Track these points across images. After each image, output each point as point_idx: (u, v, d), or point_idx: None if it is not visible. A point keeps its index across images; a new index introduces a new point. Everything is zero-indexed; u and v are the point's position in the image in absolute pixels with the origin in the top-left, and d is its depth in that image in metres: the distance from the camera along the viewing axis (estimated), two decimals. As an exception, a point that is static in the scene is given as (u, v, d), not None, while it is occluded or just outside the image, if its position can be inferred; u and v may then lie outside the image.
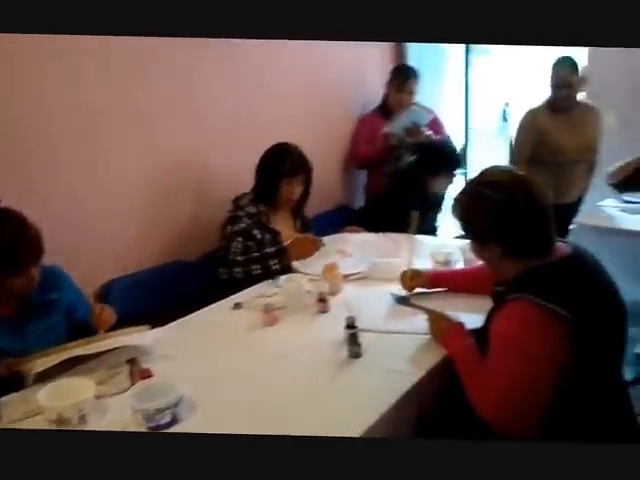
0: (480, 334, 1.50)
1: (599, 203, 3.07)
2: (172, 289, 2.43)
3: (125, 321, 1.82)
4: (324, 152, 3.17)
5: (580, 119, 3.01)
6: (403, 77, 3.37)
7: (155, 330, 1.79)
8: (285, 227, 2.47)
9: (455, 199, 1.49)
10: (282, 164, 2.38)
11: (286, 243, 2.35)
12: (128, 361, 1.61)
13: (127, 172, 2.38)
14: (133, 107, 2.35)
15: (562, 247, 1.43)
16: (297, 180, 2.43)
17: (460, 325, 1.59)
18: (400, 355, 1.60)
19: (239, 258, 2.26)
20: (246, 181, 2.46)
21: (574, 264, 1.40)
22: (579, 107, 3.05)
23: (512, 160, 3.14)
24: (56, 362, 1.54)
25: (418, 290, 1.97)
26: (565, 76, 2.91)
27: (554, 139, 2.96)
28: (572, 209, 3.11)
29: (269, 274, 2.21)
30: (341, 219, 3.10)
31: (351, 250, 2.47)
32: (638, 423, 1.46)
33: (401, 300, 1.94)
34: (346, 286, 2.14)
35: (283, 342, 1.75)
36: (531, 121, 3.06)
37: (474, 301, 1.79)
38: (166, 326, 1.89)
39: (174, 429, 1.31)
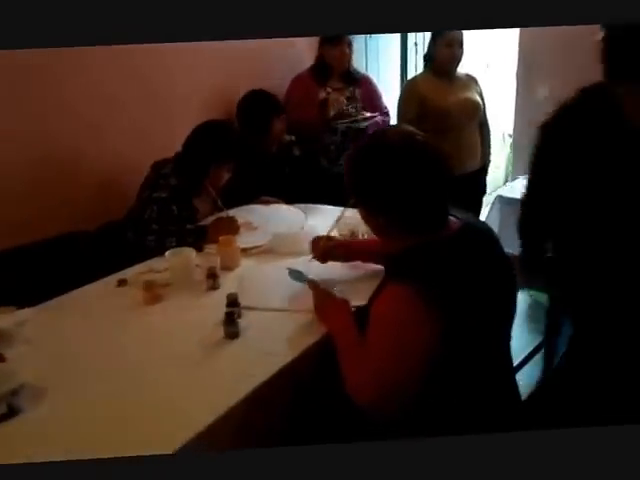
0: (365, 312, 1.40)
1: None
2: (65, 263, 2.26)
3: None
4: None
5: (462, 84, 2.98)
6: None
7: (23, 311, 1.64)
8: (206, 204, 2.33)
9: (345, 158, 1.37)
10: (212, 146, 2.24)
11: (206, 222, 2.23)
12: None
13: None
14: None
15: (453, 222, 1.34)
16: (228, 166, 2.30)
17: (344, 303, 1.50)
18: (279, 335, 1.51)
19: (154, 226, 2.11)
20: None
21: (461, 242, 1.29)
22: (459, 75, 3.02)
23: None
24: None
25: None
26: (459, 35, 2.86)
27: (436, 103, 2.88)
28: (475, 180, 3.08)
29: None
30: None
31: (258, 222, 2.34)
32: (522, 408, 1.42)
33: (296, 276, 1.83)
34: (245, 260, 2.02)
35: (162, 323, 1.63)
36: (411, 89, 2.99)
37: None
38: (39, 306, 1.74)
39: (11, 422, 1.18)
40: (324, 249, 1.80)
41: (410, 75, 4.40)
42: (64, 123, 2.36)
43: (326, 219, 2.12)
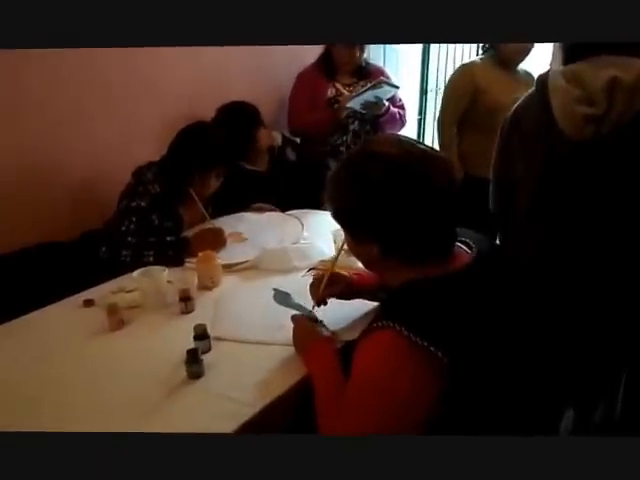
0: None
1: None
2: (38, 275, 2.08)
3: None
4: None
5: (523, 80, 2.63)
6: None
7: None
8: (192, 212, 2.13)
9: (329, 174, 1.13)
10: (196, 153, 2.04)
11: (189, 233, 2.03)
12: None
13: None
14: None
15: (463, 254, 1.11)
16: (215, 173, 2.10)
17: (328, 341, 1.29)
18: (250, 376, 1.29)
19: (130, 239, 1.91)
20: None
21: (470, 280, 1.06)
22: (519, 70, 2.70)
23: (440, 122, 2.82)
24: None
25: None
26: None
27: (495, 97, 2.57)
28: None
29: (163, 262, 1.85)
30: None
31: (248, 233, 2.14)
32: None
33: (282, 299, 1.62)
34: (228, 278, 1.82)
35: (123, 354, 1.44)
36: (465, 76, 2.67)
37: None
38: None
39: None
40: (329, 295, 1.46)
41: (432, 75, 4.17)
42: (37, 123, 2.18)
43: (327, 226, 1.89)
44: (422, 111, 4.24)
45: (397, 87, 2.87)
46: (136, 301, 1.63)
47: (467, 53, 4.21)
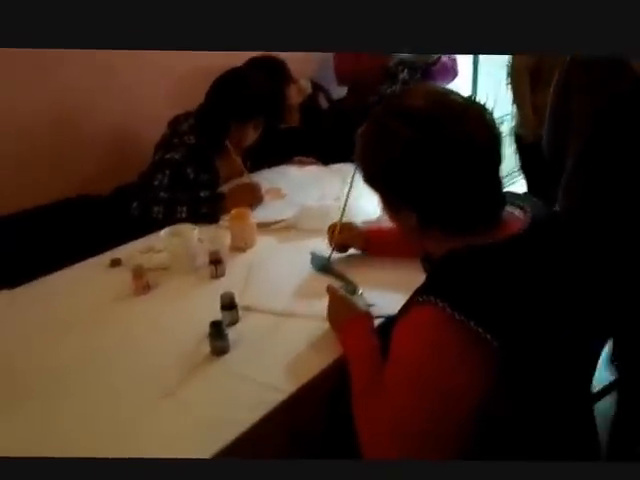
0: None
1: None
2: (72, 230, 2.00)
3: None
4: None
5: None
6: None
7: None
8: (229, 166, 1.98)
9: (358, 132, 0.97)
10: (235, 101, 1.87)
11: (224, 189, 1.89)
12: None
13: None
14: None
15: (515, 218, 0.95)
16: (253, 123, 1.93)
17: (365, 317, 1.15)
18: (279, 354, 1.16)
19: (162, 194, 1.79)
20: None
21: (524, 247, 0.90)
22: None
23: (511, 68, 2.51)
24: None
25: (350, 252, 1.51)
26: None
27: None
28: None
29: (197, 219, 1.74)
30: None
31: (288, 189, 1.98)
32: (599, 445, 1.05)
33: (319, 264, 1.48)
34: (264, 238, 1.68)
35: (146, 322, 1.33)
36: None
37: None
38: (17, 288, 1.49)
39: None
40: (341, 241, 1.44)
41: (481, 87, 3.84)
42: (74, 71, 2.05)
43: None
44: (476, 61, 3.91)
45: None
46: (164, 263, 1.51)
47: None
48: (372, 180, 0.95)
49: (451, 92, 0.91)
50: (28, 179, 1.97)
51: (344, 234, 1.45)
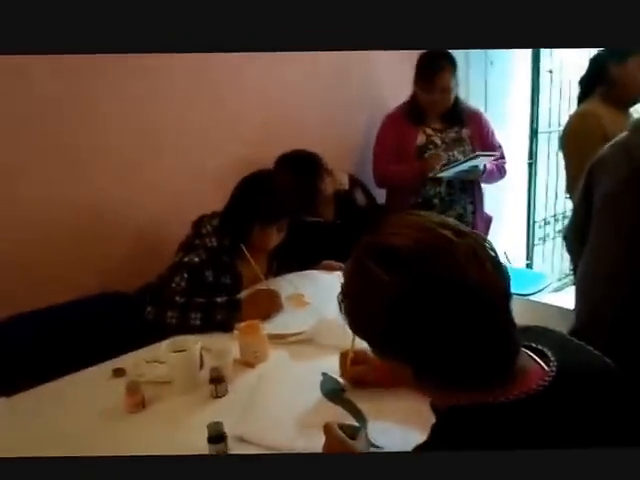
0: None
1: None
2: (91, 329, 1.95)
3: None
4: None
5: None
6: (430, 72, 2.45)
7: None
8: (251, 269, 1.91)
9: (343, 270, 0.88)
10: (259, 204, 1.84)
11: (243, 295, 1.82)
12: None
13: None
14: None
15: (534, 368, 0.79)
16: (277, 227, 1.89)
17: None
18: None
19: (178, 299, 1.73)
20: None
21: (537, 414, 0.74)
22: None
23: (569, 178, 2.34)
24: None
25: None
26: None
27: None
28: None
29: (211, 327, 1.69)
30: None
31: (312, 296, 1.88)
32: None
33: (330, 389, 1.35)
34: (277, 352, 1.57)
35: (134, 445, 1.22)
36: (594, 123, 2.15)
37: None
38: (14, 396, 1.43)
39: None
40: (354, 375, 1.30)
41: (544, 111, 3.76)
42: (99, 167, 2.09)
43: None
44: (533, 155, 3.82)
45: (494, 155, 2.54)
46: (165, 377, 1.42)
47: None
48: (358, 331, 0.83)
49: (441, 223, 0.78)
50: (50, 274, 1.96)
51: (358, 367, 1.31)
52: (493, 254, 0.78)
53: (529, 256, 4.05)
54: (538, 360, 0.81)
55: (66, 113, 1.97)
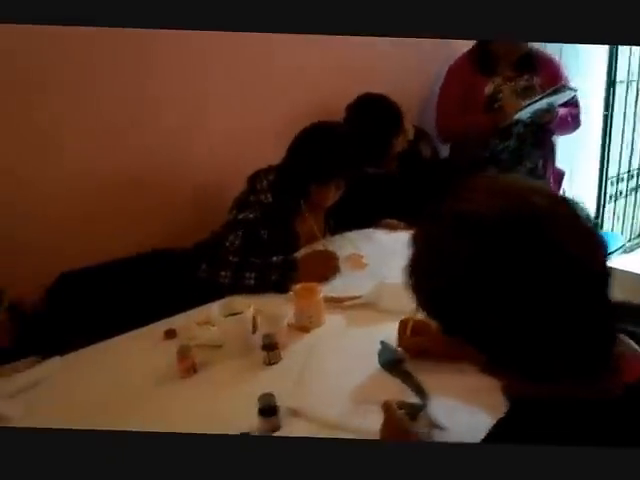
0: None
1: None
2: (144, 286, 1.93)
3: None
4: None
5: None
6: None
7: (37, 367, 1.32)
8: (308, 227, 1.83)
9: (411, 237, 0.76)
10: (317, 159, 1.72)
11: (299, 255, 1.74)
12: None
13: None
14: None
15: (635, 358, 0.68)
16: (335, 184, 1.78)
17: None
18: None
19: (232, 258, 1.67)
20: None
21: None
22: None
23: None
24: None
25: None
26: None
27: None
28: None
29: (266, 287, 1.62)
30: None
31: (371, 257, 1.79)
32: None
33: (388, 360, 1.26)
34: (334, 316, 1.50)
35: (184, 412, 1.18)
36: None
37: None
38: (66, 355, 1.41)
39: None
40: (414, 345, 1.21)
41: (623, 59, 3.45)
42: (158, 124, 2.01)
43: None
44: (609, 106, 3.53)
45: (576, 90, 2.31)
46: (216, 340, 1.37)
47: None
48: (428, 309, 0.73)
49: (531, 188, 0.66)
50: (106, 234, 1.93)
51: (418, 337, 1.22)
52: (590, 222, 0.65)
53: (599, 215, 3.81)
54: (635, 346, 0.70)
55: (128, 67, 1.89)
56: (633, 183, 3.92)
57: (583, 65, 3.21)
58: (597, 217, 3.85)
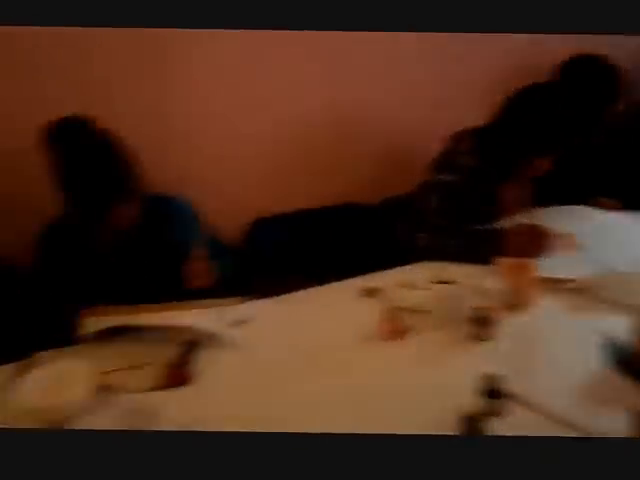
0: None
1: None
2: (335, 239, 1.94)
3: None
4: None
5: None
6: None
7: (243, 305, 1.37)
8: (514, 197, 1.70)
9: None
10: (534, 126, 1.55)
11: (505, 224, 1.62)
12: (186, 344, 1.24)
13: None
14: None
15: None
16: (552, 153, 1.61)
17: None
18: None
19: (433, 220, 1.59)
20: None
21: None
22: None
23: None
24: (106, 326, 1.27)
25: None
26: None
27: None
28: None
29: (467, 257, 1.51)
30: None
31: (584, 237, 1.61)
32: None
33: (615, 360, 1.12)
34: (546, 299, 1.37)
35: (389, 375, 1.14)
36: None
37: None
38: (265, 299, 1.43)
39: None
40: None
41: None
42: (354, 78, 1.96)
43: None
44: None
45: None
46: (424, 305, 1.31)
47: None
48: None
49: None
50: (300, 184, 1.95)
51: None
52: None
53: None
54: None
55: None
56: None
57: None
58: None
